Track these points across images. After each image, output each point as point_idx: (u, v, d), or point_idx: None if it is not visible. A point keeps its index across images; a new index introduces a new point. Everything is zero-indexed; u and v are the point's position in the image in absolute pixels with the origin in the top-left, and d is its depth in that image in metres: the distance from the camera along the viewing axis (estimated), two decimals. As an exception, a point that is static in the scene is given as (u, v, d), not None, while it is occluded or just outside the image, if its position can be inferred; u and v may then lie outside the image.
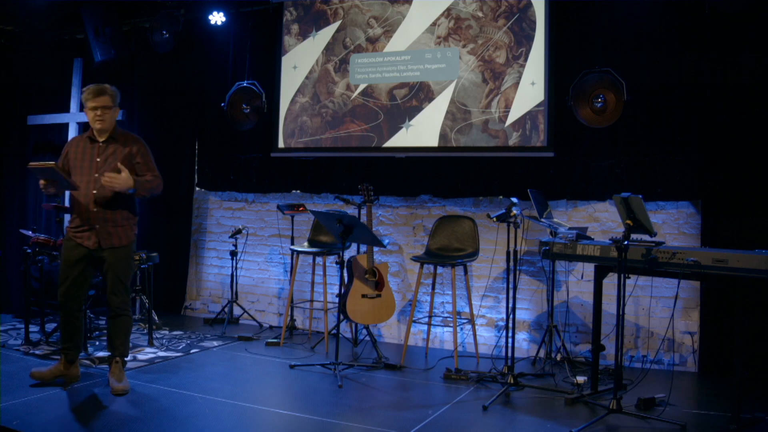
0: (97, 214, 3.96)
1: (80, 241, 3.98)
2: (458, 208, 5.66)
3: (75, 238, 3.99)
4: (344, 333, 5.68)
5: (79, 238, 3.98)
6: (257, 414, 3.77)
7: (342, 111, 5.93)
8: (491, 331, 5.48)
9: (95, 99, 3.96)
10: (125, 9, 6.57)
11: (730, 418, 3.62)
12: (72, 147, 4.07)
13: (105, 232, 3.99)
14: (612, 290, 4.08)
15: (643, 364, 4.88)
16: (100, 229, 3.97)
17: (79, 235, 3.98)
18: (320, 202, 6.21)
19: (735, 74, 4.63)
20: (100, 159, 3.99)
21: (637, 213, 3.68)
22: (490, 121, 5.38)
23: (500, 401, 4.05)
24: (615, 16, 4.99)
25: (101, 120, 3.97)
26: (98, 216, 3.96)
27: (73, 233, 4.00)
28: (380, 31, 5.80)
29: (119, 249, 4.04)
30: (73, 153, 4.03)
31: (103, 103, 3.96)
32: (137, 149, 4.07)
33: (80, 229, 3.99)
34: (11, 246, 6.99)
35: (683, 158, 4.85)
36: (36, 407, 3.67)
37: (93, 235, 3.97)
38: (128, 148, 4.05)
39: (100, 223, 3.97)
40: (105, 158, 4.00)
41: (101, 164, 3.98)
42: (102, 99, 3.97)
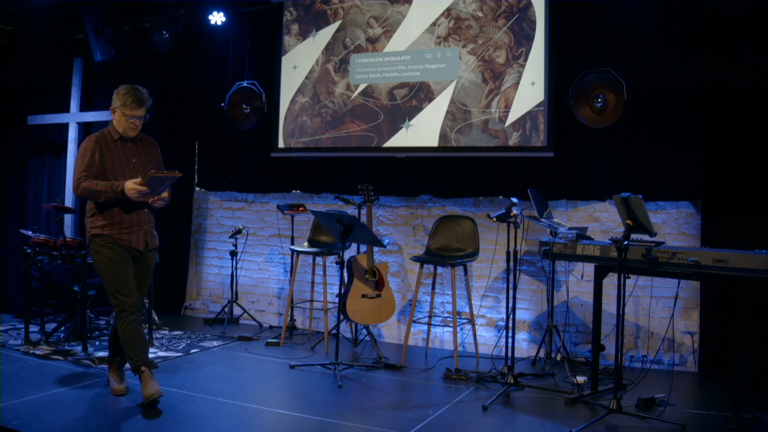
0: (147, 215, 3.89)
1: (127, 243, 3.80)
2: (458, 208, 5.66)
3: (122, 241, 3.79)
4: (344, 333, 5.68)
5: (126, 240, 3.80)
6: (257, 414, 3.77)
7: (342, 111, 5.93)
8: (491, 331, 5.48)
9: (138, 110, 3.83)
10: (125, 9, 6.57)
11: (730, 418, 3.62)
12: (102, 146, 3.81)
13: (150, 234, 3.93)
14: (612, 290, 4.08)
15: (643, 364, 4.87)
16: (147, 230, 3.89)
17: (126, 237, 3.80)
18: (320, 202, 6.21)
19: (735, 74, 4.63)
20: (135, 160, 3.89)
21: (637, 213, 3.68)
22: (490, 121, 5.38)
23: (500, 401, 4.05)
24: (615, 16, 4.99)
25: (135, 129, 3.87)
26: (147, 217, 3.89)
27: (118, 235, 3.78)
28: (380, 31, 5.80)
29: (156, 250, 4.02)
30: (107, 153, 3.82)
31: (142, 113, 3.87)
32: (158, 154, 4.05)
33: (129, 230, 3.81)
34: (11, 246, 6.99)
35: (683, 158, 4.85)
36: (36, 407, 3.67)
37: (142, 236, 3.86)
38: (154, 151, 4.01)
39: (147, 225, 3.89)
40: (140, 159, 3.91)
41: (138, 165, 3.88)
42: (143, 110, 3.86)
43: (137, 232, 3.84)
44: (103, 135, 3.86)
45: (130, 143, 3.91)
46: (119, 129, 3.85)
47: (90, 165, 3.75)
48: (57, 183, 7.00)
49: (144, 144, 3.99)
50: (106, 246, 3.77)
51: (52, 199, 6.51)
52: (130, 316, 3.75)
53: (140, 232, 3.85)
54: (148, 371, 3.78)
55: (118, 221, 3.79)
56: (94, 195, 3.72)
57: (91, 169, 3.74)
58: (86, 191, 3.71)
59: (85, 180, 3.71)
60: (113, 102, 3.85)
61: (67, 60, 6.91)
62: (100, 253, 3.77)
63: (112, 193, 3.68)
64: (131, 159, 3.88)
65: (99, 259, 3.78)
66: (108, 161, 3.80)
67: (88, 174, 3.73)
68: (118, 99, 3.82)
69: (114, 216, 3.78)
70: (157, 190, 3.76)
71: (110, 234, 3.77)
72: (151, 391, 3.69)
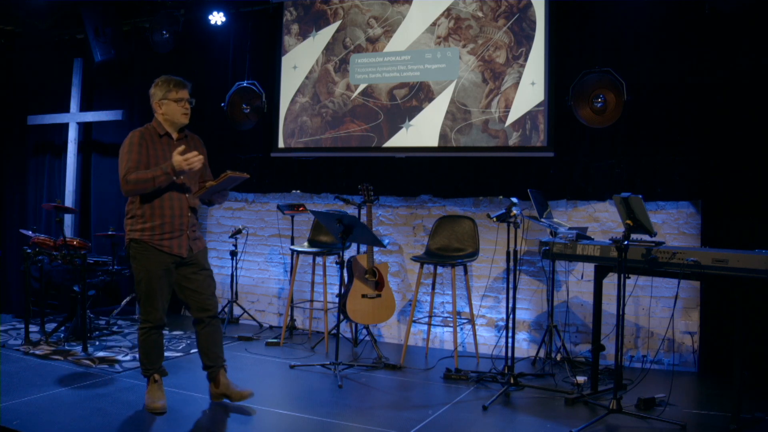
0: (190, 219, 3.71)
1: (168, 249, 3.62)
2: (458, 208, 5.66)
3: (162, 247, 3.61)
4: (344, 333, 5.68)
5: (167, 247, 3.62)
6: (257, 414, 3.77)
7: (342, 111, 5.93)
8: (491, 331, 5.48)
9: (184, 90, 3.68)
10: (125, 9, 6.57)
11: (730, 418, 3.62)
12: (148, 142, 3.64)
13: (194, 238, 3.75)
14: (612, 290, 4.08)
15: (643, 364, 4.87)
16: (189, 234, 3.71)
17: (167, 243, 3.62)
18: (320, 202, 6.21)
19: (735, 74, 4.63)
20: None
21: (637, 213, 3.68)
22: (490, 121, 5.38)
23: (500, 401, 4.05)
24: (615, 16, 4.99)
25: (187, 113, 3.71)
26: (190, 221, 3.71)
27: (159, 241, 3.61)
28: (380, 31, 5.80)
29: (203, 251, 3.84)
30: (152, 149, 3.63)
31: (188, 96, 3.70)
32: (205, 153, 3.83)
33: (170, 235, 3.63)
34: (11, 246, 6.99)
35: (683, 158, 4.85)
36: (36, 407, 3.67)
37: (185, 242, 3.68)
38: (200, 150, 3.77)
39: (190, 229, 3.71)
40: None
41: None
42: (187, 91, 3.70)
43: (179, 237, 3.66)
44: (147, 130, 3.69)
45: (175, 140, 3.73)
46: (170, 120, 3.70)
47: (137, 161, 3.57)
48: (57, 183, 7.00)
49: (190, 141, 3.80)
50: (143, 254, 3.62)
51: (52, 199, 6.51)
52: (153, 329, 3.68)
53: (182, 237, 3.67)
54: (160, 380, 3.79)
55: (159, 224, 3.61)
56: (144, 185, 3.51)
57: (138, 165, 3.57)
58: (136, 183, 3.51)
59: (132, 172, 3.52)
60: (153, 97, 3.69)
61: (67, 60, 6.91)
62: (136, 258, 3.64)
63: (164, 176, 3.49)
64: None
65: (135, 265, 3.65)
66: (152, 158, 3.62)
67: (136, 167, 3.56)
68: (159, 89, 3.68)
69: (155, 217, 3.61)
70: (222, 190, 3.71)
71: (150, 240, 3.60)
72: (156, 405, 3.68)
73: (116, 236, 5.54)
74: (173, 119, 3.70)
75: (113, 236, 5.50)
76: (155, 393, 3.75)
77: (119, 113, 6.53)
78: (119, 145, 3.67)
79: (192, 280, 3.76)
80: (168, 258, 3.64)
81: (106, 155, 6.94)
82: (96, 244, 6.33)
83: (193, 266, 3.76)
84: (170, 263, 3.66)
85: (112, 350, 4.99)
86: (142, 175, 3.51)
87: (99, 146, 6.97)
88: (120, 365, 4.60)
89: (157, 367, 3.78)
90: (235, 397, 3.80)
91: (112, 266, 5.28)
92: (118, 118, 6.54)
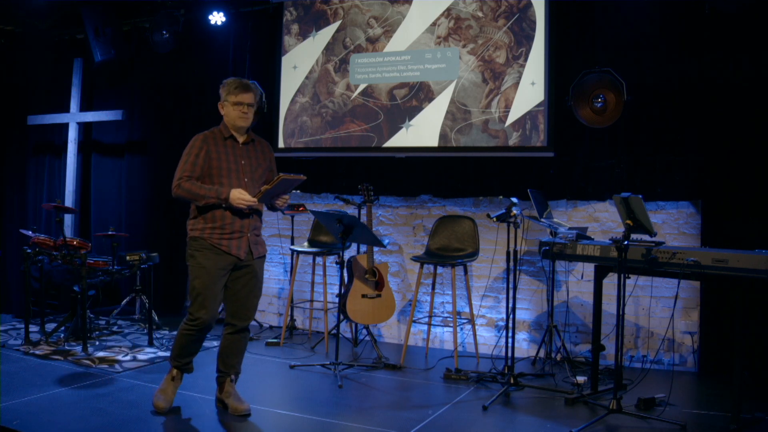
0: (252, 221, 3.64)
1: (227, 249, 3.57)
2: (458, 208, 5.66)
3: (221, 246, 3.56)
4: (344, 333, 5.68)
5: (226, 247, 3.56)
6: (257, 414, 3.77)
7: (342, 111, 5.93)
8: (491, 331, 5.48)
9: (244, 94, 3.62)
10: (125, 9, 6.57)
11: (730, 418, 3.62)
12: (210, 145, 3.60)
13: (255, 241, 3.68)
14: (612, 290, 4.08)
15: (643, 364, 4.87)
16: (251, 237, 3.65)
17: (227, 243, 3.57)
18: (320, 202, 6.21)
19: (735, 74, 4.62)
20: (245, 162, 3.65)
21: (637, 213, 3.68)
22: (490, 121, 5.38)
23: (500, 401, 4.05)
24: (615, 16, 4.99)
25: (246, 117, 3.64)
26: (252, 223, 3.64)
27: (218, 240, 3.56)
28: (380, 31, 5.80)
29: (262, 258, 3.77)
30: (215, 152, 3.59)
31: (250, 99, 3.64)
32: (272, 158, 3.82)
33: (230, 235, 3.58)
34: (11, 246, 6.99)
35: (683, 158, 4.85)
36: (36, 407, 3.67)
37: (244, 243, 3.62)
38: (267, 155, 3.77)
39: (251, 231, 3.65)
40: (249, 162, 3.67)
41: (248, 168, 3.65)
42: (250, 96, 3.64)
43: (239, 238, 3.59)
44: (212, 133, 3.67)
45: (241, 144, 3.69)
46: (230, 123, 3.67)
47: (194, 165, 3.54)
48: (57, 183, 7.00)
49: (256, 146, 3.75)
50: (201, 250, 3.56)
51: (52, 199, 6.51)
52: (195, 329, 3.59)
53: (242, 238, 3.61)
54: (178, 377, 3.76)
55: (219, 225, 3.55)
56: (194, 198, 3.52)
57: (194, 170, 3.53)
58: (186, 193, 3.51)
59: (186, 181, 3.51)
60: (221, 97, 3.68)
61: (67, 60, 6.91)
62: (194, 256, 3.58)
63: (215, 200, 3.49)
64: (240, 161, 3.64)
65: (191, 262, 3.60)
66: (215, 161, 3.57)
67: (191, 175, 3.53)
68: (223, 91, 3.67)
69: (216, 219, 3.55)
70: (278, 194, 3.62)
71: (209, 237, 3.55)
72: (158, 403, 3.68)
73: (116, 236, 5.54)
74: (231, 122, 3.66)
75: (113, 236, 5.50)
76: (166, 389, 3.73)
77: (119, 113, 6.53)
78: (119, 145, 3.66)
79: (239, 284, 3.68)
80: (227, 258, 3.58)
81: (106, 155, 6.94)
82: (96, 244, 6.33)
83: (247, 270, 3.68)
84: (228, 264, 3.60)
85: (112, 350, 4.99)
86: (195, 189, 3.51)
87: (99, 146, 6.97)
88: (120, 365, 4.60)
89: (183, 362, 3.73)
90: (231, 410, 3.71)
91: (112, 266, 5.28)
92: (118, 118, 6.54)
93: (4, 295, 6.77)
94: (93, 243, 6.04)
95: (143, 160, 6.72)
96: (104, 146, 6.94)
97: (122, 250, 5.80)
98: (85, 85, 6.88)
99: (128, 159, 6.78)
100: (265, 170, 3.75)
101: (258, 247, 3.71)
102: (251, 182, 3.63)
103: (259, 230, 3.76)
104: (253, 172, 3.67)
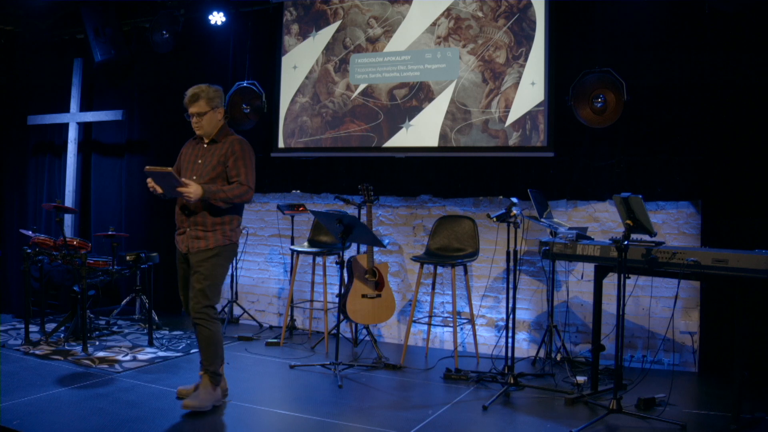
0: (194, 218, 3.78)
1: (176, 244, 3.89)
2: (458, 208, 5.66)
3: (175, 242, 3.92)
4: (344, 333, 5.68)
5: (176, 242, 3.90)
6: (257, 414, 3.77)
7: (342, 111, 5.93)
8: (491, 331, 5.48)
9: (191, 105, 3.81)
10: (125, 9, 6.57)
11: (730, 418, 3.62)
12: (186, 147, 3.98)
13: (195, 236, 3.79)
14: (612, 290, 4.08)
15: (643, 364, 4.87)
16: (189, 232, 3.80)
17: (176, 239, 3.90)
18: (320, 202, 6.21)
19: (735, 74, 4.62)
20: (201, 161, 3.83)
21: (637, 213, 3.68)
22: (490, 121, 5.38)
23: (500, 401, 4.05)
24: (615, 16, 4.99)
25: (198, 126, 3.82)
26: (193, 220, 3.78)
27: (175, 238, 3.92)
28: (380, 31, 5.80)
29: (205, 252, 3.78)
30: (185, 154, 3.94)
31: (198, 109, 3.79)
32: (231, 152, 3.80)
33: (177, 233, 3.89)
34: (11, 246, 6.99)
35: (683, 158, 4.85)
36: (36, 407, 3.67)
37: (185, 239, 3.82)
38: (223, 151, 3.81)
39: (191, 228, 3.79)
40: (204, 161, 3.82)
41: (200, 167, 3.82)
42: (197, 105, 3.79)
43: (182, 234, 3.85)
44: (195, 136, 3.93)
45: (206, 144, 3.86)
46: None
47: (175, 165, 3.94)
48: (57, 183, 7.00)
49: (221, 146, 3.84)
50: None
51: (52, 199, 6.51)
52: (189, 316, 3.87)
53: (184, 234, 3.82)
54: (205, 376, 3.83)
55: (175, 224, 3.91)
56: None
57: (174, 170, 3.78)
58: None
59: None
60: None
61: (67, 60, 6.91)
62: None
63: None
64: (198, 160, 3.85)
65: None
66: (183, 162, 3.93)
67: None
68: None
69: (174, 217, 3.91)
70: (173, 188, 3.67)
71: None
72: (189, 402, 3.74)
73: (116, 236, 5.54)
74: None
75: (113, 236, 5.50)
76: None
77: (119, 113, 6.54)
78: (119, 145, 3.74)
79: (188, 279, 3.89)
80: (180, 253, 3.91)
81: (106, 155, 6.94)
82: (96, 244, 6.33)
83: (189, 266, 3.88)
84: (182, 258, 3.91)
85: (112, 350, 4.99)
86: None
87: (99, 146, 6.97)
88: (120, 365, 4.60)
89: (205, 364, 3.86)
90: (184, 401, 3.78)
91: (112, 266, 5.28)
92: (118, 118, 6.54)
93: (4, 295, 6.77)
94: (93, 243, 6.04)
95: (143, 160, 6.71)
96: (104, 146, 6.94)
97: (122, 250, 5.80)
98: (85, 85, 6.87)
99: (128, 159, 6.78)
100: (215, 166, 3.79)
101: (197, 242, 3.79)
102: (198, 180, 3.78)
103: (206, 226, 3.78)
104: (203, 171, 3.81)
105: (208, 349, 3.79)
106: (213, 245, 3.78)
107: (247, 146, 3.88)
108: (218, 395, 3.84)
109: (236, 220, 3.90)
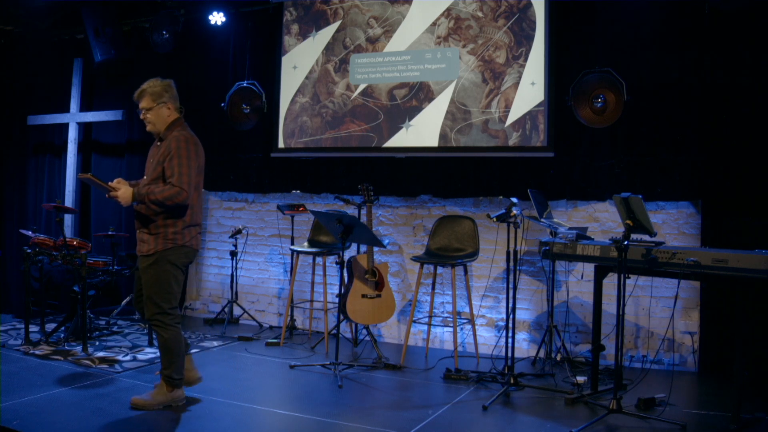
0: (139, 223, 3.73)
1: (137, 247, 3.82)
2: (458, 208, 5.66)
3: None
4: (344, 333, 5.68)
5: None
6: (257, 414, 3.77)
7: (342, 111, 5.93)
8: (491, 331, 5.48)
9: (138, 100, 3.75)
10: (125, 9, 6.57)
11: (730, 418, 3.62)
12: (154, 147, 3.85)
13: (141, 240, 3.74)
14: (612, 290, 4.08)
15: (643, 364, 4.87)
16: (138, 235, 3.76)
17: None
18: (320, 202, 6.21)
19: (735, 74, 4.63)
20: (152, 160, 3.75)
21: (637, 213, 3.68)
22: (490, 121, 5.38)
23: (500, 401, 4.05)
24: (615, 16, 4.99)
25: (147, 122, 3.74)
26: (140, 224, 3.73)
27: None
28: (380, 31, 5.80)
29: (147, 257, 3.69)
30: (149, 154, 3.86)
31: (144, 104, 3.73)
32: (168, 150, 3.64)
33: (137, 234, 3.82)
34: (11, 246, 6.99)
35: (683, 158, 4.85)
36: (36, 407, 3.67)
37: (138, 241, 3.78)
38: (163, 149, 3.68)
39: (139, 231, 3.75)
40: (153, 160, 3.74)
41: (150, 167, 3.75)
42: (143, 101, 3.73)
43: (138, 236, 3.79)
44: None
45: (158, 142, 3.79)
46: None
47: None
48: (57, 183, 7.00)
49: (166, 143, 3.71)
50: None
51: (52, 199, 6.51)
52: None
53: (138, 236, 3.78)
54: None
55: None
56: None
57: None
58: None
59: None
60: None
61: (67, 60, 6.92)
62: None
63: None
64: (151, 159, 3.80)
65: None
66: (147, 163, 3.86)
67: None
68: None
69: None
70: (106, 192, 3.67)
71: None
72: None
73: (116, 236, 5.54)
74: None
75: (113, 236, 5.50)
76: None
77: (119, 113, 6.54)
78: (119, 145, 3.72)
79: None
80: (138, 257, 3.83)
81: (106, 155, 6.94)
82: (96, 244, 6.33)
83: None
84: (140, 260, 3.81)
85: (112, 350, 4.99)
86: None
87: (99, 146, 6.97)
88: (120, 365, 4.60)
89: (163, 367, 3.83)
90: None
91: (112, 266, 5.28)
92: (118, 118, 6.54)
93: (4, 295, 6.77)
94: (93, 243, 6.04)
95: (143, 160, 6.69)
96: (104, 146, 6.94)
97: (122, 250, 5.81)
98: (85, 85, 6.88)
99: (128, 159, 6.77)
100: (156, 166, 3.70)
101: (142, 245, 3.74)
102: (148, 179, 3.74)
103: (149, 229, 3.68)
104: (149, 170, 3.75)
105: (164, 354, 3.74)
106: (154, 250, 3.67)
107: (185, 143, 3.65)
108: (176, 396, 3.77)
109: (181, 223, 3.67)
